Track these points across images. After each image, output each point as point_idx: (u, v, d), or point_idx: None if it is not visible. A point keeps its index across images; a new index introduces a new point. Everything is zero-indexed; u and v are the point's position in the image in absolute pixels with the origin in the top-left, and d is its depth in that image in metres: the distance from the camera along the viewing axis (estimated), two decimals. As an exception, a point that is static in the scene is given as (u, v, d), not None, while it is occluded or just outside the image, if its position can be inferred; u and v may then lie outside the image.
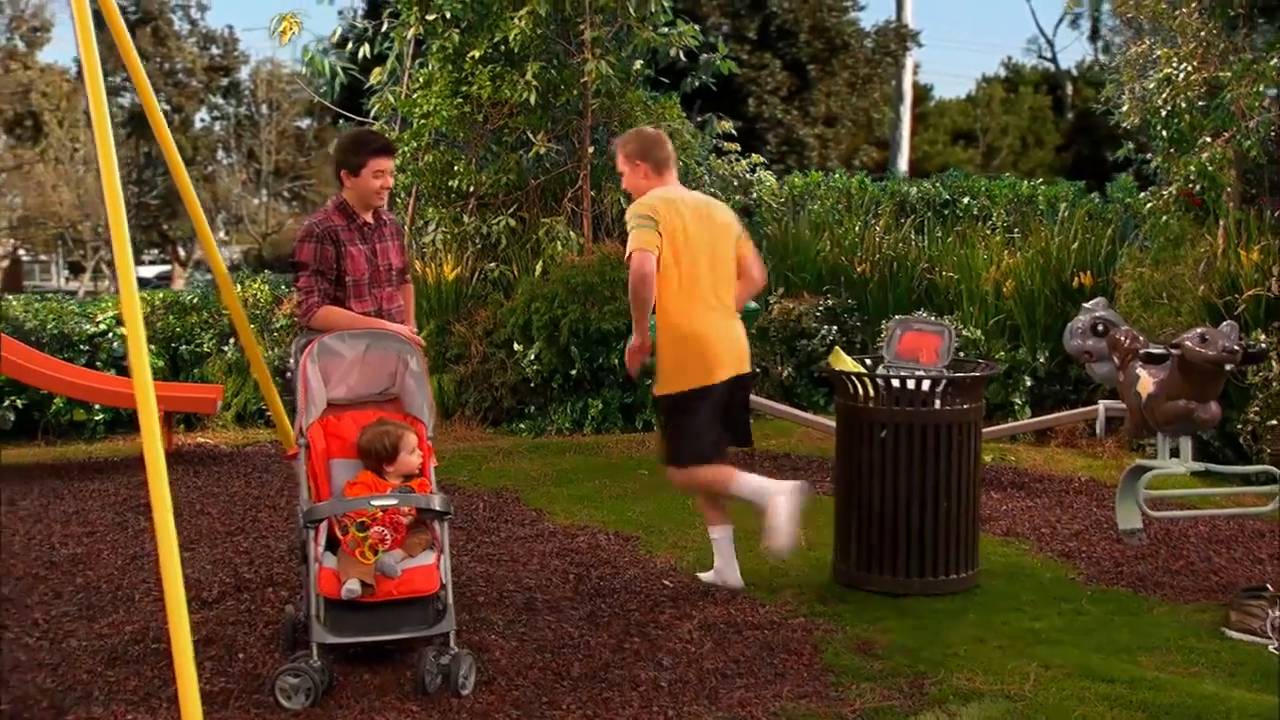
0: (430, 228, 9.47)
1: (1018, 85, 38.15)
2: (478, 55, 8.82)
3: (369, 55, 9.84)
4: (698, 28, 9.44)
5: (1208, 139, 7.45)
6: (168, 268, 48.40)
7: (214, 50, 44.66)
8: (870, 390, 4.83)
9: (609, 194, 9.12)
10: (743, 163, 10.57)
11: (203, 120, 45.73)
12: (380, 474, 4.15)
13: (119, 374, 8.56)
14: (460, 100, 8.84)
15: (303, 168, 37.78)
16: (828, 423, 7.31)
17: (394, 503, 3.94)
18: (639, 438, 8.56)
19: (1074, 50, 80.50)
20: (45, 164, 36.11)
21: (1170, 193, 7.72)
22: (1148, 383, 5.30)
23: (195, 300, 9.58)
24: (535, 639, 4.33)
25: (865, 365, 5.29)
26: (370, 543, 3.92)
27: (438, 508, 3.98)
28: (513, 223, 9.10)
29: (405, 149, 9.05)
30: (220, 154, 44.99)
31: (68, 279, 50.15)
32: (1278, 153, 7.40)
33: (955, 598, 4.73)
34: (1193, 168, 7.45)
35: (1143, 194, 8.77)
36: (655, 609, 4.67)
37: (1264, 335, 6.78)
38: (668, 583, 5.03)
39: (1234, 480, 6.44)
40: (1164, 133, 7.79)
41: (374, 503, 3.92)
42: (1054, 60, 40.55)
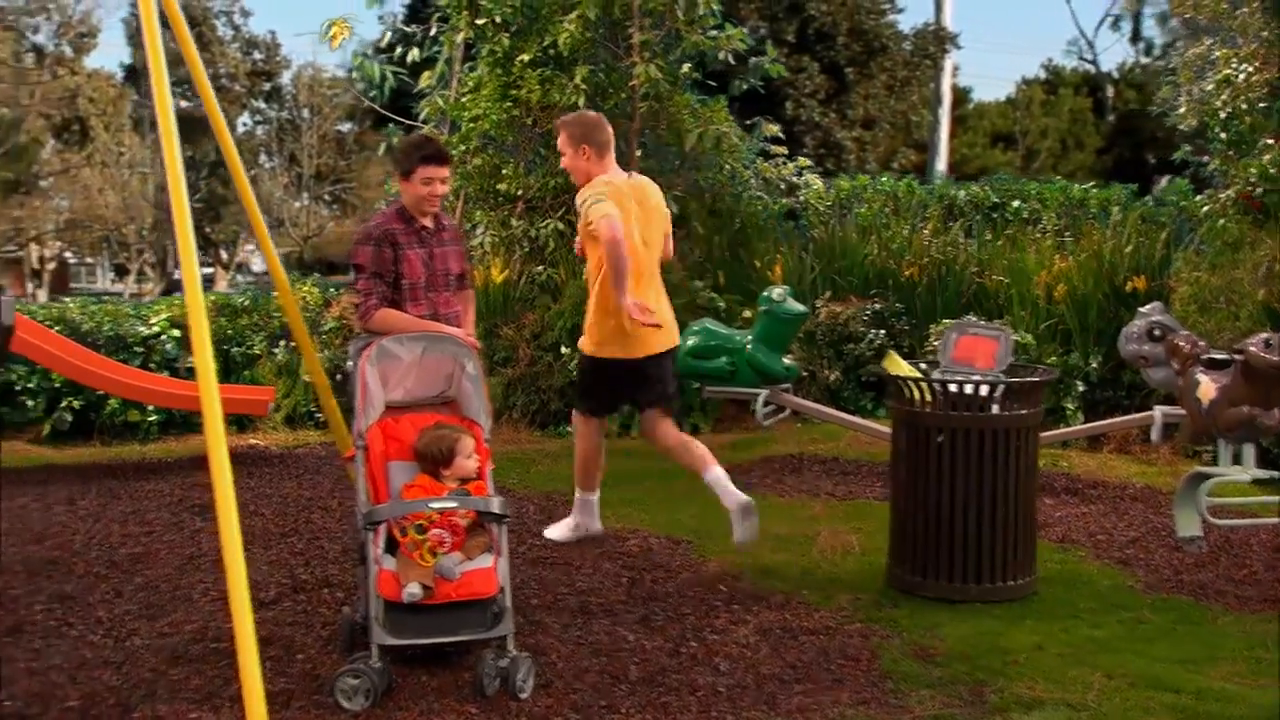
0: (478, 231, 9.51)
1: (1058, 87, 37.78)
2: (527, 59, 8.85)
3: (417, 59, 9.90)
4: (745, 31, 9.42)
5: (1269, 141, 7.34)
6: (210, 270, 48.92)
7: (256, 55, 45.13)
8: (927, 395, 4.79)
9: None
10: (789, 166, 10.54)
11: (245, 125, 46.21)
12: (437, 477, 4.16)
13: (172, 376, 8.66)
14: (509, 104, 8.87)
15: (343, 171, 38.07)
16: (877, 427, 7.29)
17: (453, 505, 3.96)
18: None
19: (1115, 52, 79.67)
20: (91, 168, 36.57)
21: (1229, 196, 7.60)
22: (1209, 388, 5.21)
23: (246, 303, 9.66)
24: (591, 642, 4.33)
25: (920, 370, 5.25)
26: (429, 545, 3.93)
27: (496, 511, 4.00)
28: (561, 226, 9.12)
29: (454, 152, 9.08)
30: (262, 158, 45.48)
31: (113, 280, 50.81)
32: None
33: (1013, 605, 4.69)
34: (1253, 170, 7.34)
35: (1199, 197, 8.65)
36: (710, 613, 4.66)
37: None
38: (722, 587, 5.02)
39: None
40: (1223, 135, 7.68)
41: (432, 505, 3.93)
42: (1095, 62, 40.13)
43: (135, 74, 41.92)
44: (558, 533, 5.80)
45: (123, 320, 8.83)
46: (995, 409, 4.72)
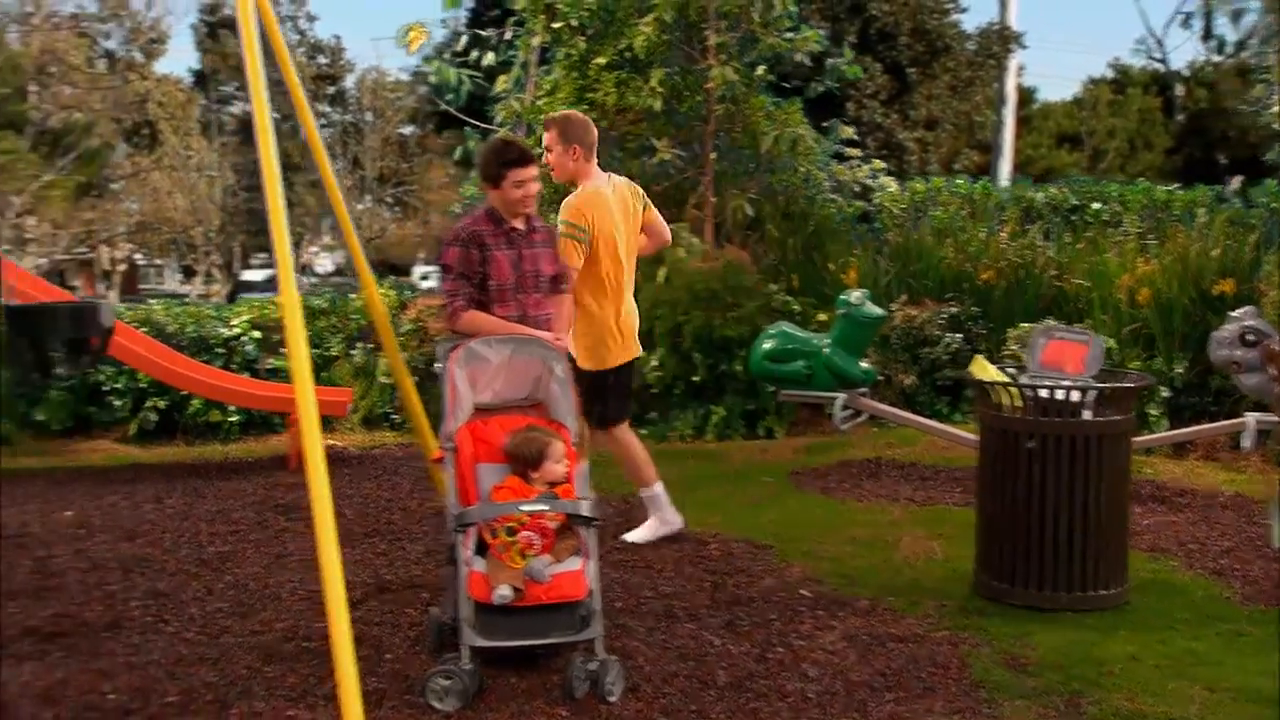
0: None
1: (1126, 87, 37.16)
2: (603, 62, 8.88)
3: (493, 63, 9.97)
4: (822, 33, 9.37)
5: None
6: (275, 271, 49.45)
7: (321, 60, 45.75)
8: (1018, 400, 4.73)
9: (733, 200, 9.09)
10: (864, 168, 10.46)
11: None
12: (526, 479, 4.17)
13: (252, 376, 8.79)
14: (585, 107, 8.90)
15: (405, 174, 38.45)
16: (957, 433, 7.22)
17: (544, 508, 3.97)
18: (761, 444, 8.52)
19: (1185, 50, 78.25)
20: (161, 171, 37.25)
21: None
22: (1307, 395, 5.10)
23: (325, 305, 9.79)
24: (677, 647, 4.32)
25: (1007, 374, 5.18)
26: (519, 547, 3.95)
27: (585, 514, 4.01)
28: (634, 228, 9.12)
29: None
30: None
31: (180, 282, 51.74)
32: None
33: (1104, 614, 4.61)
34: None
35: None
36: (795, 619, 4.63)
37: None
38: (805, 592, 4.99)
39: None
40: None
41: (523, 508, 3.95)
42: (1164, 61, 39.36)
43: (203, 79, 42.72)
44: (640, 535, 5.81)
45: (205, 322, 8.99)
46: (1087, 415, 4.63)
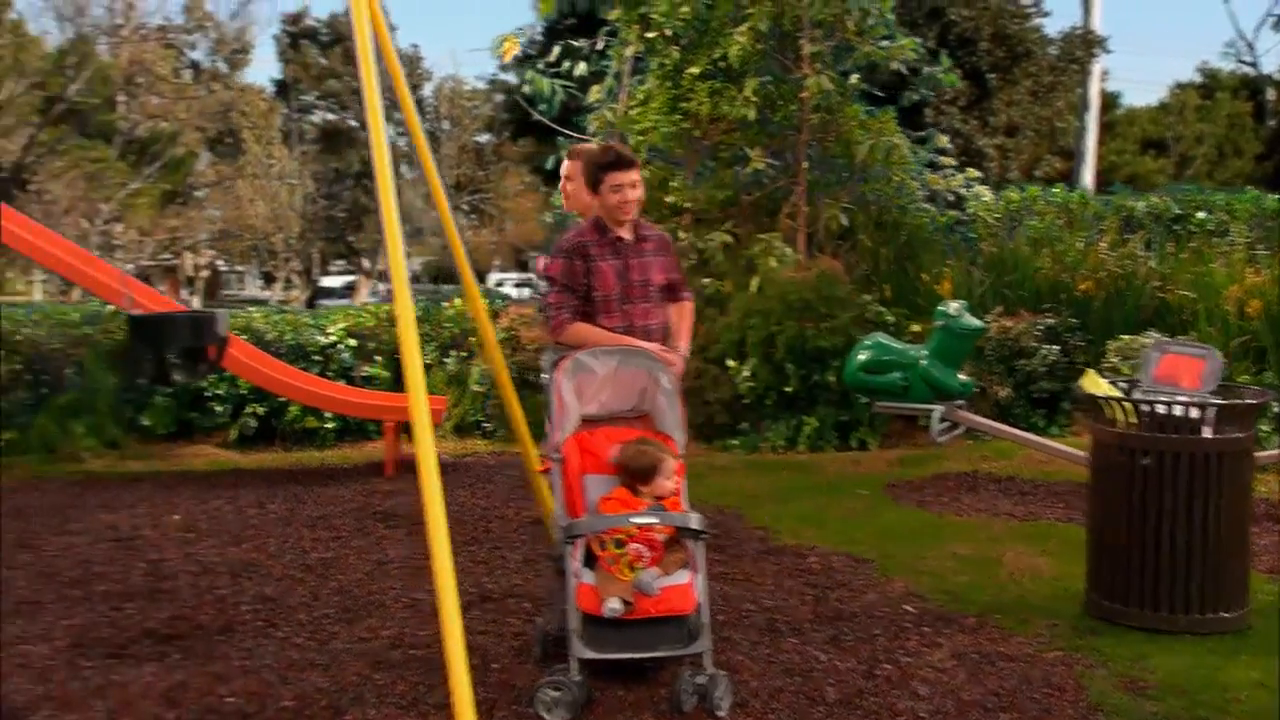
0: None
1: (1214, 91, 36.26)
2: (696, 72, 8.87)
3: (585, 73, 10.01)
4: (919, 40, 9.27)
5: None
6: (353, 278, 50.46)
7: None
8: (1131, 416, 4.62)
9: (825, 210, 9.03)
10: (958, 177, 10.32)
11: (388, 136, 47.22)
12: (635, 492, 4.17)
13: (348, 384, 8.93)
14: (678, 117, 8.90)
15: (481, 182, 38.84)
16: (1062, 448, 7.07)
17: (654, 521, 3.96)
18: (854, 456, 8.45)
19: (1276, 54, 76.16)
20: (243, 179, 38.03)
21: None
22: None
23: (418, 313, 9.89)
24: (782, 661, 4.28)
25: (1120, 389, 5.06)
26: (628, 559, 3.94)
27: (695, 527, 3.99)
28: (728, 238, 9.10)
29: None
30: (403, 168, 46.64)
31: (261, 288, 52.78)
32: None
33: (1225, 638, 4.47)
34: None
35: None
36: (900, 635, 4.56)
37: None
38: (909, 608, 4.92)
39: None
40: None
41: (633, 520, 3.94)
42: (1254, 65, 38.27)
43: (285, 88, 43.59)
44: None
45: (302, 330, 9.15)
46: (1206, 431, 4.51)
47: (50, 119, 28.99)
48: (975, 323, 7.06)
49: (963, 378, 7.06)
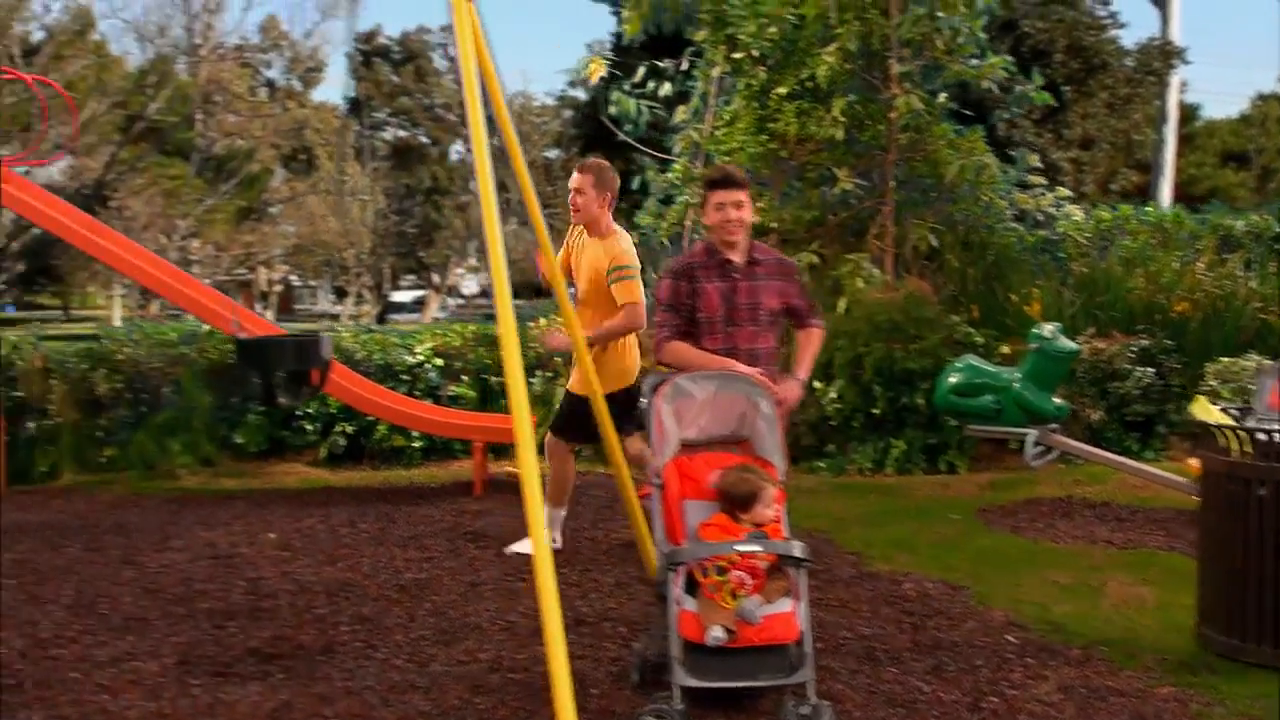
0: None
1: (1299, 103, 35.41)
2: (783, 92, 8.85)
3: (670, 93, 10.04)
4: (1010, 59, 9.16)
5: None
6: (423, 293, 51.09)
7: (470, 86, 46.67)
8: (1246, 445, 4.49)
9: (914, 230, 8.94)
10: (1048, 196, 10.17)
11: (458, 153, 48.09)
12: (735, 518, 4.14)
13: (434, 403, 9.00)
14: (765, 137, 8.88)
15: (550, 196, 39.22)
16: (1162, 474, 6.91)
17: (757, 549, 3.92)
18: (943, 480, 8.33)
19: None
20: (316, 195, 38.66)
21: None
22: None
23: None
24: (884, 692, 4.22)
25: (1232, 416, 4.94)
26: (730, 587, 3.91)
27: (797, 555, 3.95)
28: (814, 259, 9.06)
29: (707, 186, 9.15)
30: (473, 184, 47.08)
31: (332, 303, 53.58)
32: None
33: (1348, 676, 4.32)
34: None
35: None
36: (1004, 666, 4.48)
37: None
38: (1010, 638, 4.82)
39: None
40: None
41: (737, 548, 3.91)
42: (1341, 75, 37.27)
43: (357, 105, 44.34)
44: (524, 547, 6.12)
45: (390, 349, 9.24)
46: (1325, 462, 4.37)
47: (131, 137, 29.81)
48: (1070, 345, 6.94)
49: (1058, 401, 6.94)
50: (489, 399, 9.55)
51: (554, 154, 40.19)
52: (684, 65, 9.95)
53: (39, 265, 30.99)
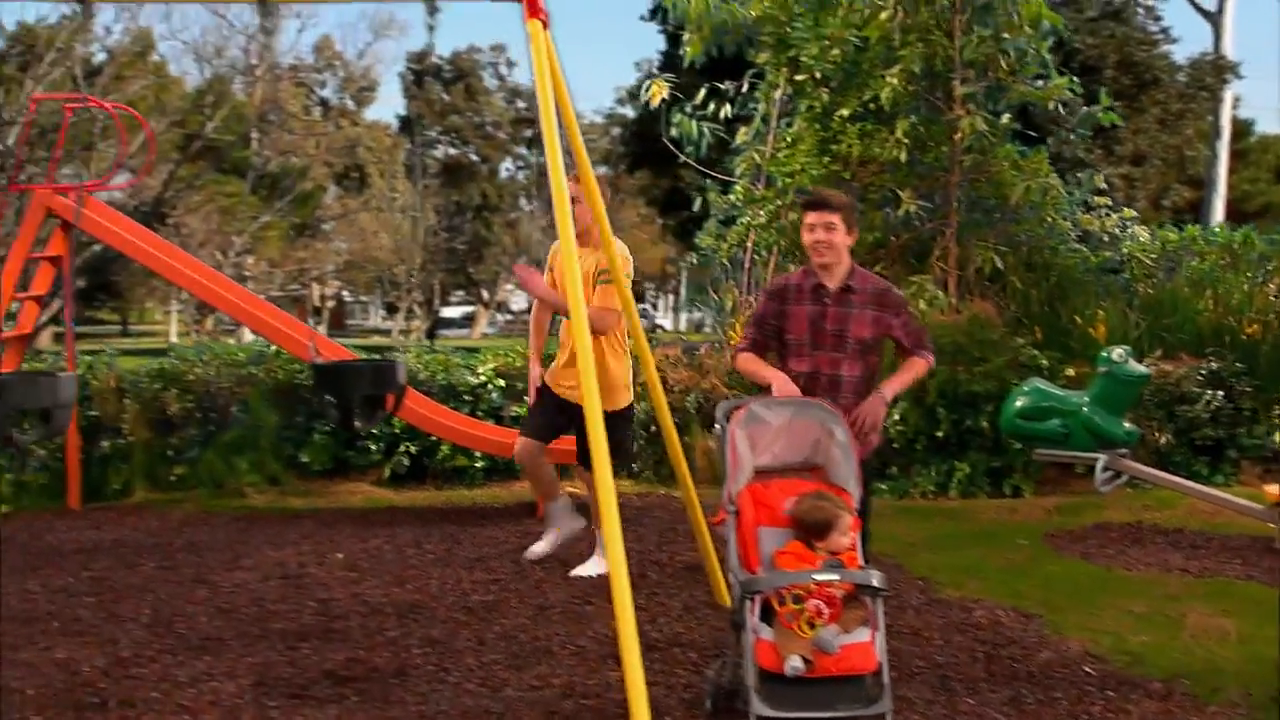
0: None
1: (1356, 118, 34.77)
2: (846, 114, 8.84)
3: (729, 115, 10.07)
4: (1075, 79, 9.09)
5: None
6: (472, 309, 51.40)
7: (519, 104, 47.34)
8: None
9: (979, 251, 8.88)
10: (1113, 217, 10.06)
11: (508, 170, 48.49)
12: (810, 546, 4.12)
13: (497, 424, 9.04)
14: (827, 159, 8.86)
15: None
16: (1241, 502, 6.83)
17: (834, 578, 3.90)
18: (1008, 503, 8.25)
19: None
20: (368, 212, 39.07)
21: None
22: None
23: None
24: (961, 723, 4.18)
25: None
26: (807, 616, 3.89)
27: (876, 585, 3.92)
28: (877, 281, 9.02)
29: (769, 207, 9.16)
30: (522, 201, 47.59)
31: (383, 318, 53.99)
32: None
33: None
34: None
35: None
36: (1084, 698, 4.41)
37: None
38: (1088, 669, 4.75)
39: None
40: None
41: (816, 577, 3.89)
42: (1397, 92, 36.62)
43: (408, 124, 44.87)
44: (591, 568, 6.23)
45: (453, 369, 9.31)
46: None
47: (189, 155, 30.32)
48: (1141, 370, 6.88)
49: (1128, 425, 6.87)
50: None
51: (602, 170, 40.57)
52: (744, 86, 9.96)
53: (99, 281, 31.56)
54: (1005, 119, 9.20)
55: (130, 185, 21.98)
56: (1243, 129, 34.50)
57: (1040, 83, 9.00)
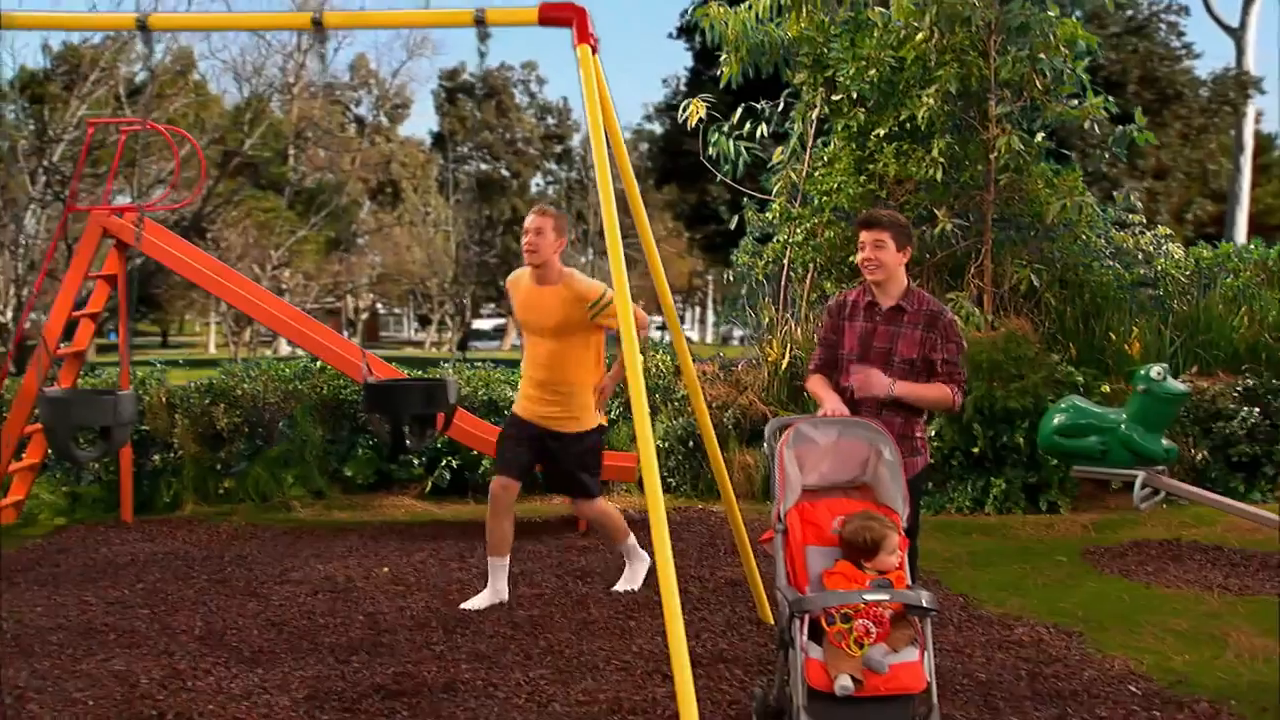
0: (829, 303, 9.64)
1: (1378, 133, 34.47)
2: (882, 133, 8.91)
3: (765, 134, 10.15)
4: (1110, 98, 9.12)
5: None
6: (502, 321, 51.61)
7: (549, 120, 47.60)
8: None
9: (1015, 269, 8.92)
10: (1147, 235, 10.08)
11: (538, 185, 48.77)
12: (859, 565, 4.18)
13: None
14: (864, 178, 8.93)
15: (628, 228, 39.49)
16: (1269, 515, 6.81)
17: (884, 598, 3.95)
18: (1045, 520, 8.27)
19: None
20: (402, 226, 39.36)
21: None
22: None
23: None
24: (1008, 742, 4.23)
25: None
26: (855, 635, 3.95)
27: (925, 605, 3.97)
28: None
29: (806, 225, 9.23)
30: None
31: (415, 330, 54.27)
32: None
33: None
34: None
35: None
36: (1130, 718, 4.45)
37: None
38: (1134, 688, 4.78)
39: None
40: None
41: (865, 597, 3.94)
42: None
43: (441, 140, 45.22)
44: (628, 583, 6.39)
45: (494, 385, 9.42)
46: None
47: (228, 171, 30.71)
48: (1179, 387, 6.88)
49: (1166, 443, 6.87)
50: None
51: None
52: (779, 105, 10.05)
53: (140, 294, 32.01)
54: (1039, 138, 9.25)
55: (185, 204, 22.33)
56: (1265, 143, 34.37)
57: (1075, 102, 9.04)
